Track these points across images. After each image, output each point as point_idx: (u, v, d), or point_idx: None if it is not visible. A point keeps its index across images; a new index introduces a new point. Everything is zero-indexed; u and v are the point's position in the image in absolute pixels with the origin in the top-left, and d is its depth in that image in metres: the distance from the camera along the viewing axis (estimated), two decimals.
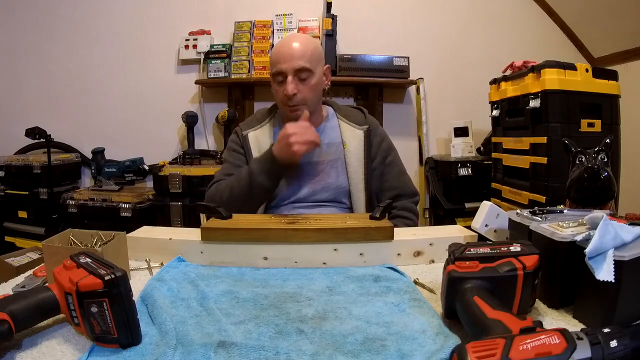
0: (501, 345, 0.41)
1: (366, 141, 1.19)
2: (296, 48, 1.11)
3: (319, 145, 1.09)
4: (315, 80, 1.14)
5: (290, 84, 1.09)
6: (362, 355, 0.51)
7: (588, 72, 1.69)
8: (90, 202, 2.23)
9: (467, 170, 2.22)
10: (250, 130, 1.22)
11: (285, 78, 1.10)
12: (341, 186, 1.18)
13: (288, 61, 1.09)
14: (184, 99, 2.57)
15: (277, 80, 1.13)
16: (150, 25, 2.55)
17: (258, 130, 1.23)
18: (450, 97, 2.60)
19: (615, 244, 0.53)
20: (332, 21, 2.32)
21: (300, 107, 1.12)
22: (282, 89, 1.11)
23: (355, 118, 1.24)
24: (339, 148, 1.20)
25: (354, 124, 1.22)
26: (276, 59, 1.12)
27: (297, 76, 1.10)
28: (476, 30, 2.59)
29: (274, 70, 1.12)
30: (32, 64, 2.59)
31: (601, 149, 0.86)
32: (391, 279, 0.73)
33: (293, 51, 1.10)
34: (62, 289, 0.54)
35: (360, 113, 1.27)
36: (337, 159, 1.19)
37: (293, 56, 1.09)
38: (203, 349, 0.51)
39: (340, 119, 1.24)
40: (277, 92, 1.14)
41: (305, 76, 1.11)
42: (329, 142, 1.20)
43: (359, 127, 1.21)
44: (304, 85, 1.12)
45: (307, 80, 1.12)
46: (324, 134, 1.20)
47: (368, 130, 1.21)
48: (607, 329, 0.42)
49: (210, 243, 0.82)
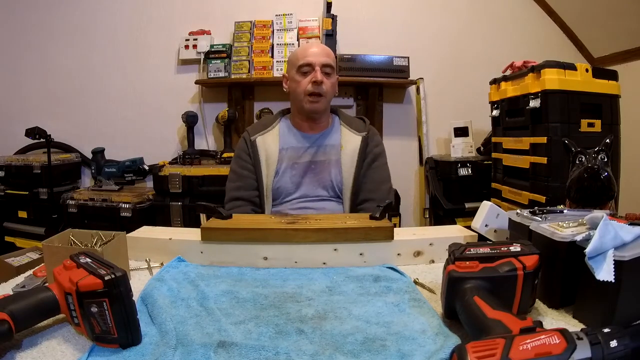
0: (501, 345, 0.41)
1: (362, 146, 1.27)
2: (323, 49, 1.27)
3: None
4: (334, 81, 1.27)
5: (320, 72, 1.21)
6: (362, 355, 0.51)
7: (588, 72, 1.69)
8: (90, 202, 2.22)
9: (467, 170, 2.22)
10: (257, 135, 1.31)
11: (312, 69, 1.22)
12: (339, 183, 1.27)
13: (317, 56, 1.23)
14: (184, 99, 2.57)
15: (302, 71, 1.23)
16: (150, 25, 2.55)
17: (266, 134, 1.31)
18: (450, 97, 2.60)
19: (615, 244, 0.53)
20: (332, 21, 2.32)
21: (321, 100, 1.23)
22: (309, 78, 1.22)
23: (357, 126, 1.33)
24: (338, 149, 1.29)
25: (354, 131, 1.31)
26: (304, 54, 1.24)
27: (323, 71, 1.23)
28: (476, 30, 2.59)
29: (301, 62, 1.23)
30: (33, 63, 2.58)
31: (601, 149, 0.87)
32: (391, 279, 0.73)
33: (321, 49, 1.26)
34: (62, 289, 0.54)
35: (361, 122, 1.36)
36: (336, 160, 1.28)
37: (321, 54, 1.24)
38: (203, 349, 0.51)
39: (342, 125, 1.33)
40: (300, 84, 1.24)
41: (329, 71, 1.25)
42: (331, 144, 1.30)
43: (358, 134, 1.30)
44: (327, 80, 1.24)
45: (330, 77, 1.25)
46: (328, 137, 1.31)
47: (366, 136, 1.29)
48: (607, 329, 0.42)
49: (210, 243, 0.82)
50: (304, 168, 1.27)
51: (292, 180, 1.26)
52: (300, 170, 1.27)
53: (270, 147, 1.29)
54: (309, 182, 1.27)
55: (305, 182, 1.27)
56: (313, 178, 1.27)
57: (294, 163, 1.28)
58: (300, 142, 1.30)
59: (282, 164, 1.28)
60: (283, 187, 1.26)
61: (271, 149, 1.29)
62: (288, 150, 1.29)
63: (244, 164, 1.30)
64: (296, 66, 1.25)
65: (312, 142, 1.30)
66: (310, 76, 1.22)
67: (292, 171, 1.27)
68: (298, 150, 1.29)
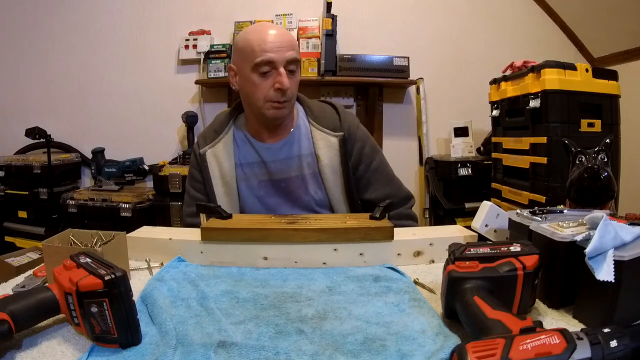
0: (501, 345, 0.41)
1: (342, 151, 1.05)
2: (286, 36, 0.98)
3: None
4: (298, 78, 1.03)
5: (285, 76, 0.96)
6: (362, 355, 0.51)
7: (588, 72, 1.69)
8: (90, 202, 2.22)
9: (467, 170, 2.22)
10: (207, 148, 1.07)
11: (274, 69, 0.97)
12: (321, 200, 1.07)
13: (279, 50, 0.95)
14: (184, 99, 2.57)
15: (260, 71, 0.96)
16: (150, 25, 2.55)
17: (217, 145, 1.07)
18: (450, 97, 2.60)
19: (615, 244, 0.53)
20: (332, 21, 2.32)
21: (285, 105, 1.00)
22: (270, 81, 0.97)
23: (329, 122, 1.08)
24: (313, 160, 1.06)
25: (327, 131, 1.07)
26: (263, 46, 0.95)
27: (287, 68, 0.97)
28: (476, 30, 2.59)
29: (260, 59, 0.95)
30: (32, 64, 2.59)
31: (601, 149, 0.86)
32: (391, 279, 0.73)
33: (284, 39, 0.96)
34: (62, 289, 0.54)
35: (334, 113, 1.10)
36: (311, 173, 1.07)
37: (284, 45, 0.96)
38: (203, 349, 0.51)
39: (312, 124, 1.08)
40: (259, 88, 0.98)
41: (294, 68, 0.99)
42: (302, 153, 1.06)
43: (333, 134, 1.06)
44: (292, 80, 0.99)
45: (295, 74, 1.00)
46: (296, 144, 1.07)
47: (343, 138, 1.06)
48: (607, 329, 0.42)
49: (210, 243, 0.82)
50: (272, 186, 1.06)
51: (262, 201, 1.06)
52: (269, 190, 1.06)
53: (223, 163, 1.05)
54: (283, 203, 1.06)
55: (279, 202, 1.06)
56: (287, 198, 1.06)
57: (259, 181, 1.06)
58: (261, 155, 1.06)
59: (243, 183, 1.06)
60: (252, 210, 1.05)
61: (225, 165, 1.05)
62: (248, 167, 1.07)
63: (195, 184, 1.09)
64: (252, 63, 0.96)
65: (275, 154, 1.05)
66: (273, 80, 0.97)
67: (259, 191, 1.06)
68: (260, 166, 1.06)
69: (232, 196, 1.06)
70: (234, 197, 1.07)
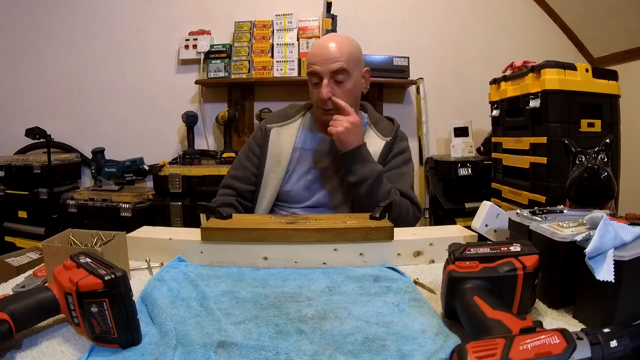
0: (501, 345, 0.41)
1: (384, 151, 1.15)
2: (333, 48, 1.06)
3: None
4: (352, 84, 1.10)
5: (326, 87, 1.06)
6: (362, 355, 0.51)
7: (588, 72, 1.69)
8: (90, 202, 2.22)
9: (467, 170, 2.22)
10: (274, 125, 1.19)
11: (320, 80, 1.07)
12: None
13: (324, 62, 1.06)
14: (184, 99, 2.57)
15: (312, 81, 1.10)
16: (150, 25, 2.55)
17: (284, 127, 1.19)
18: (450, 97, 2.60)
19: (615, 244, 0.53)
20: (332, 21, 2.32)
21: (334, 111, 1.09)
22: (317, 91, 1.08)
23: (385, 129, 1.20)
24: None
25: (380, 134, 1.18)
26: (312, 59, 1.08)
27: (333, 78, 1.07)
28: (476, 30, 2.59)
29: (309, 70, 1.09)
30: (32, 64, 2.59)
31: (601, 149, 0.86)
32: (391, 279, 0.73)
33: (329, 52, 1.06)
34: (62, 289, 0.54)
35: (391, 124, 1.23)
36: None
37: (329, 58, 1.05)
38: (203, 349, 0.51)
39: (369, 126, 1.20)
40: (312, 94, 1.12)
41: (342, 79, 1.07)
42: None
43: (383, 138, 1.17)
44: (340, 89, 1.08)
45: (343, 84, 1.08)
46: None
47: (391, 141, 1.17)
48: (607, 329, 0.42)
49: (210, 243, 0.82)
50: (321, 174, 1.15)
51: (307, 186, 1.14)
52: (317, 177, 1.15)
53: (284, 143, 1.16)
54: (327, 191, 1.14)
55: (322, 190, 1.14)
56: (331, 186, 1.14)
57: (310, 168, 1.15)
58: (320, 145, 1.17)
59: (295, 166, 1.16)
60: (295, 192, 1.15)
61: (285, 145, 1.16)
62: (304, 152, 1.17)
63: (249, 155, 1.20)
64: (307, 71, 1.10)
65: (332, 145, 1.13)
66: (317, 90, 1.08)
67: (306, 176, 1.15)
68: (316, 154, 1.16)
69: (279, 174, 1.15)
70: (279, 176, 1.15)
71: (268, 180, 1.15)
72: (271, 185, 1.15)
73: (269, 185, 1.16)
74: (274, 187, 1.15)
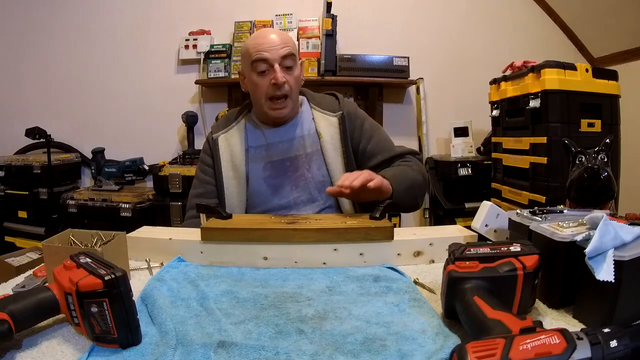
0: (501, 345, 0.41)
1: (341, 128, 1.13)
2: (277, 36, 1.06)
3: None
4: (299, 71, 1.10)
5: (280, 71, 1.04)
6: (362, 355, 0.51)
7: (588, 72, 1.69)
8: (90, 202, 2.23)
9: (467, 170, 2.22)
10: (220, 133, 1.16)
11: (270, 67, 1.04)
12: (323, 179, 1.12)
13: (272, 49, 1.04)
14: (184, 99, 2.57)
15: (258, 69, 1.05)
16: (150, 25, 2.55)
17: (230, 131, 1.16)
18: (450, 97, 2.60)
19: (615, 244, 0.53)
20: (332, 21, 2.32)
21: (286, 102, 1.07)
22: (267, 79, 1.05)
23: (329, 105, 1.17)
24: (314, 139, 1.14)
25: (327, 112, 1.16)
26: (258, 47, 1.04)
27: (283, 65, 1.05)
28: (476, 30, 2.59)
29: (255, 58, 1.04)
30: (32, 64, 2.59)
31: (601, 149, 0.86)
32: (391, 279, 0.73)
33: (275, 39, 1.05)
34: (62, 289, 0.54)
35: (334, 99, 1.20)
36: (314, 151, 1.13)
37: (276, 44, 1.04)
38: (203, 349, 0.51)
39: (313, 108, 1.17)
40: (259, 85, 1.06)
41: (291, 64, 1.06)
42: (305, 134, 1.14)
43: (332, 115, 1.15)
44: (290, 75, 1.07)
45: (292, 70, 1.07)
46: (299, 126, 1.15)
47: (342, 116, 1.14)
48: (607, 329, 0.42)
49: (210, 243, 0.82)
50: (278, 167, 1.12)
51: (267, 182, 1.12)
52: (275, 170, 1.12)
53: (234, 146, 1.13)
54: (287, 183, 1.12)
55: (283, 182, 1.12)
56: (291, 177, 1.12)
57: (266, 163, 1.13)
58: (269, 137, 1.14)
59: (251, 165, 1.13)
60: (257, 191, 1.11)
61: (236, 149, 1.13)
62: (256, 150, 1.14)
63: (205, 169, 1.16)
64: (250, 64, 1.06)
65: (282, 135, 1.13)
66: (269, 77, 1.04)
67: (265, 172, 1.12)
68: (268, 148, 1.13)
69: (240, 179, 1.12)
70: (241, 180, 1.12)
71: (230, 188, 1.12)
72: (235, 192, 1.12)
73: (233, 192, 1.12)
74: (238, 193, 1.11)
